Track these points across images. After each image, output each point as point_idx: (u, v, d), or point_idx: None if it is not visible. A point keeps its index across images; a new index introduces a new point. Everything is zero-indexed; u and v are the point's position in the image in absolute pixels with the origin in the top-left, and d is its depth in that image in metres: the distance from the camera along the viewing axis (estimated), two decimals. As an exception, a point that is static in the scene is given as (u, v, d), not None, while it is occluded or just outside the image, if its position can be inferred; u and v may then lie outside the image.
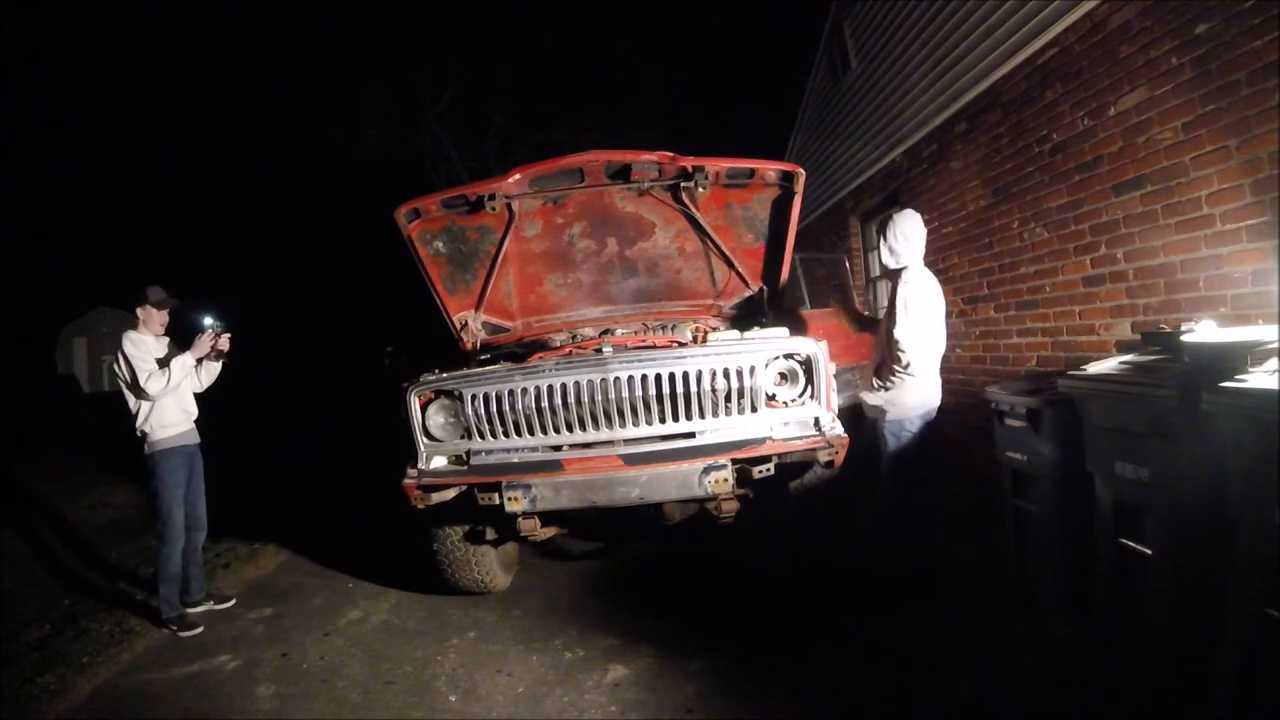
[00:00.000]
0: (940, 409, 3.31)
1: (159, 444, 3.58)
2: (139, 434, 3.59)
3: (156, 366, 3.52)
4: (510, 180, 3.35)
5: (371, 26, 12.74)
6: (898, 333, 3.09)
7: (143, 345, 3.56)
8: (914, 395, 3.22)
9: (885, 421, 3.27)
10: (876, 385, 3.24)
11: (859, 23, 6.62)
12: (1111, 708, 2.25)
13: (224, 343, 3.74)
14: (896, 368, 3.13)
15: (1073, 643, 2.62)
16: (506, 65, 13.57)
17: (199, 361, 3.67)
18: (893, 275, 3.31)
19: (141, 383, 3.46)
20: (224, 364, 3.90)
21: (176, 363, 3.52)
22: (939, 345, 3.29)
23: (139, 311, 3.63)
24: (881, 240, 3.33)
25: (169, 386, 3.50)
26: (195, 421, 3.80)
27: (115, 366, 3.59)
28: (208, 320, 3.68)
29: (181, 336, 3.76)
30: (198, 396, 3.86)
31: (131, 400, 3.57)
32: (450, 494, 2.93)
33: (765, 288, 3.82)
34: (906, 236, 3.26)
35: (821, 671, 2.65)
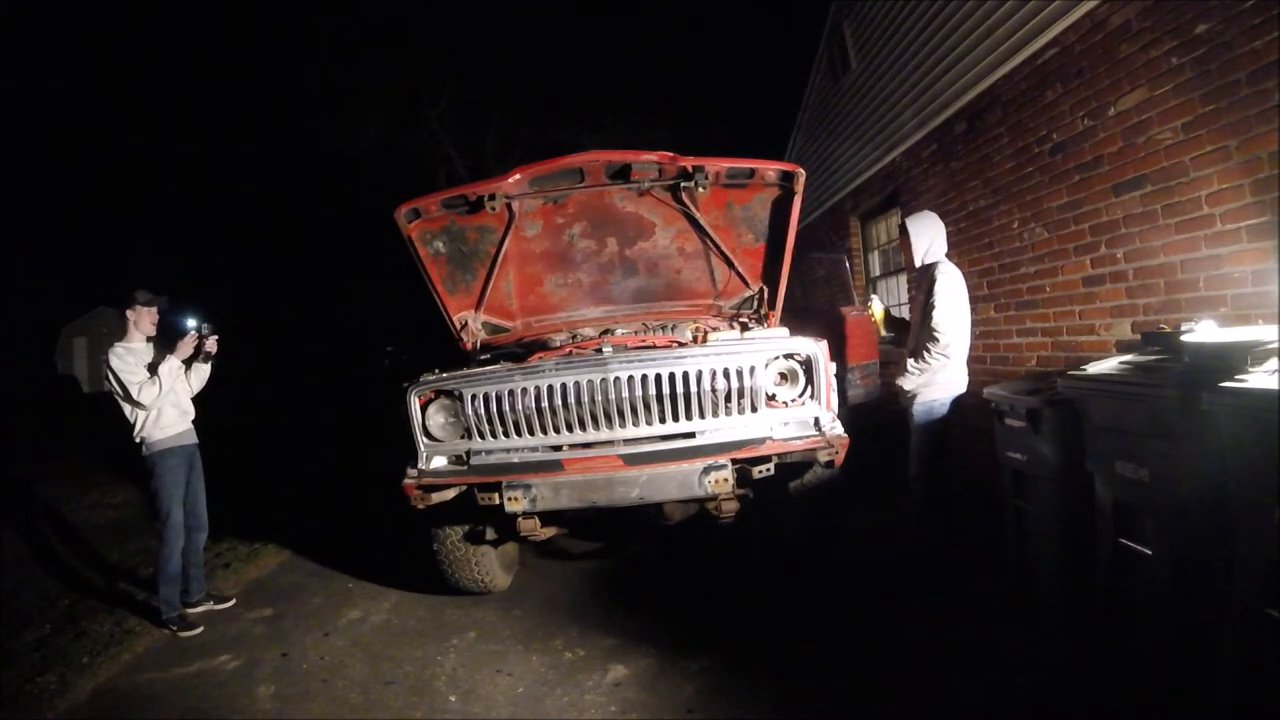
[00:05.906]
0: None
1: (157, 444, 3.58)
2: (137, 440, 3.59)
3: (147, 376, 3.52)
4: (510, 180, 3.35)
5: (371, 26, 12.76)
6: (935, 318, 3.25)
7: (128, 357, 3.54)
8: (943, 377, 3.38)
9: (916, 404, 3.40)
10: (912, 369, 3.39)
11: (859, 23, 6.62)
12: (1112, 708, 2.25)
13: (211, 344, 3.71)
14: (934, 349, 3.29)
15: (1073, 643, 2.62)
16: (507, 65, 13.59)
17: (187, 364, 3.66)
18: (924, 270, 3.47)
19: (135, 395, 3.46)
20: (212, 365, 3.87)
21: (163, 368, 3.52)
22: (967, 332, 3.47)
23: (129, 314, 3.61)
24: (908, 241, 3.50)
25: (162, 393, 3.50)
26: (193, 422, 3.79)
27: (106, 383, 3.57)
28: (191, 322, 3.66)
29: (169, 339, 3.73)
30: (194, 399, 3.85)
31: (128, 410, 3.57)
32: (450, 494, 2.93)
33: (765, 288, 3.82)
34: (929, 235, 3.46)
35: (821, 671, 2.65)
